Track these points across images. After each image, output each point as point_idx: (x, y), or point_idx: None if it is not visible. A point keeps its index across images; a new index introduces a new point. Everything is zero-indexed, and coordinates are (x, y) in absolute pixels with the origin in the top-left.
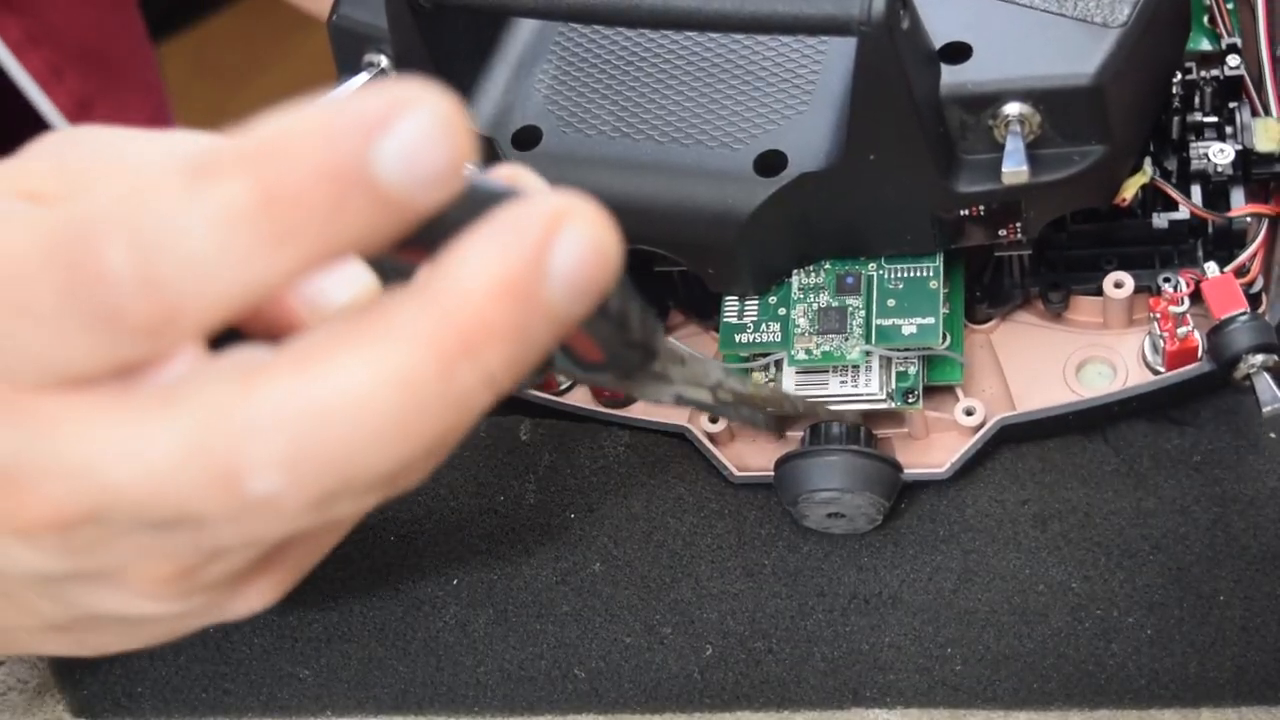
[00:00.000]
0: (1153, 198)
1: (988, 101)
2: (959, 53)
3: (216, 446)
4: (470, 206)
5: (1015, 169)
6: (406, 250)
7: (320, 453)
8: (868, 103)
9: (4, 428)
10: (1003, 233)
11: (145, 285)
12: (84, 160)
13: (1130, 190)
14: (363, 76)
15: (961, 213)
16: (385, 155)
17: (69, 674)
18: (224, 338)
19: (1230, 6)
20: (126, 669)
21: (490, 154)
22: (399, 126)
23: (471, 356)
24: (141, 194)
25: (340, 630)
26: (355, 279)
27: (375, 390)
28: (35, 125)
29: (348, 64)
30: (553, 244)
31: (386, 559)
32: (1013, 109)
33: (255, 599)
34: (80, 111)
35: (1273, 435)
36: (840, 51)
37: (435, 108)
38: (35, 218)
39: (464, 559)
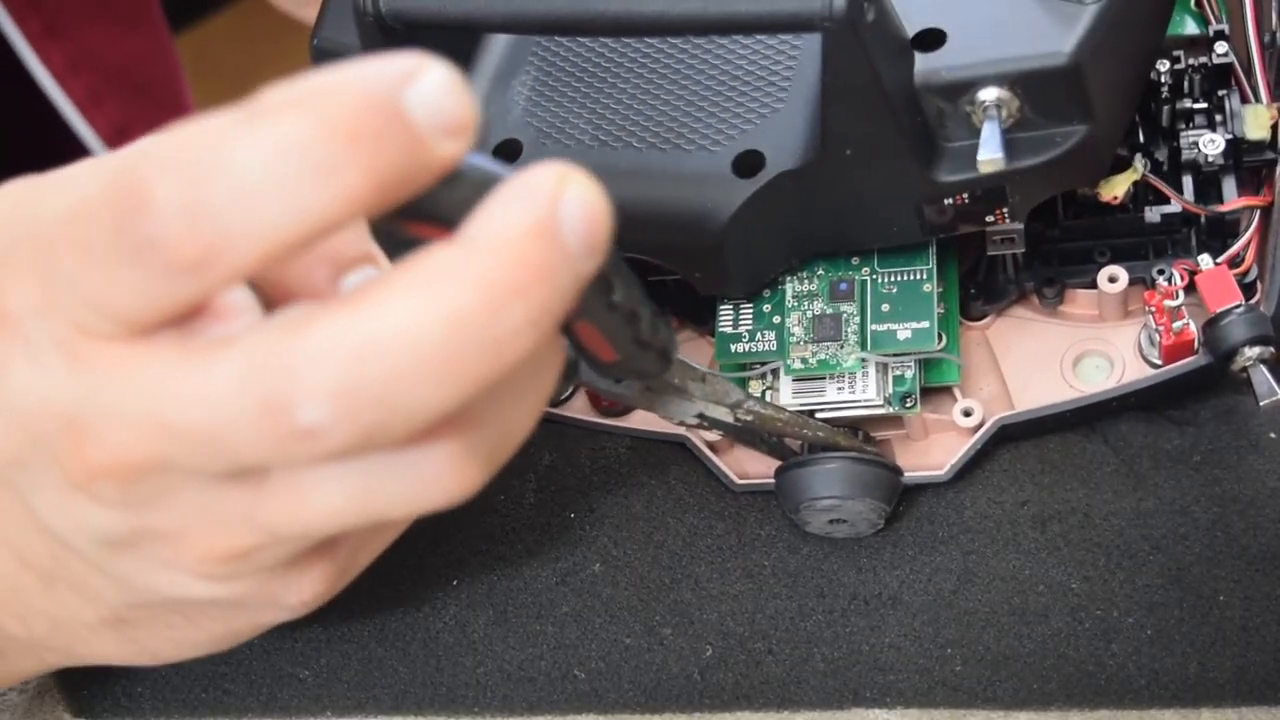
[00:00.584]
0: (1144, 191)
1: (964, 88)
2: (933, 40)
3: (267, 380)
4: (477, 185)
5: (991, 156)
6: (427, 227)
7: (368, 384)
8: (838, 97)
9: (68, 375)
10: (990, 218)
11: (189, 216)
12: None
13: (1121, 188)
14: None
15: (946, 201)
16: (414, 98)
17: (69, 674)
18: None
19: None
20: (127, 669)
21: None
22: (423, 79)
23: (516, 295)
24: (195, 134)
25: (340, 631)
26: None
27: (425, 327)
28: (74, 151)
29: None
30: (561, 198)
31: (386, 559)
32: (989, 94)
33: (307, 588)
34: (118, 137)
35: (1273, 435)
36: (814, 48)
37: (445, 71)
38: (102, 164)
39: (464, 559)
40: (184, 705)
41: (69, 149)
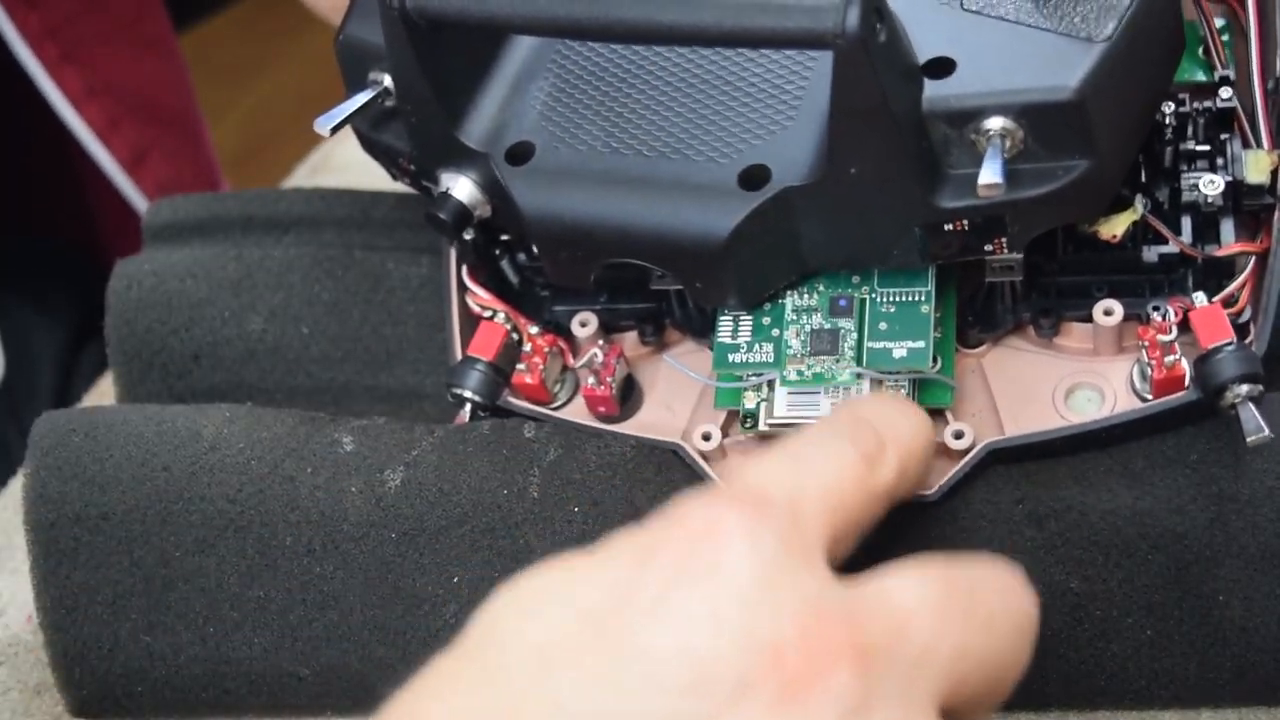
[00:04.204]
0: (1143, 231)
1: (970, 116)
2: (942, 68)
3: None
4: None
5: (992, 180)
6: None
7: None
8: (846, 115)
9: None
10: (989, 248)
11: None
12: None
13: (1121, 227)
14: (367, 94)
15: (946, 227)
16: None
17: (69, 674)
18: None
19: (1225, 39)
20: (126, 669)
21: (484, 170)
22: None
23: None
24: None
25: (340, 630)
26: None
27: None
28: (93, 176)
29: (354, 82)
30: None
31: (386, 557)
32: (994, 123)
33: None
34: (136, 162)
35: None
36: (827, 68)
37: None
38: None
39: (465, 556)
40: (184, 705)
41: (87, 175)
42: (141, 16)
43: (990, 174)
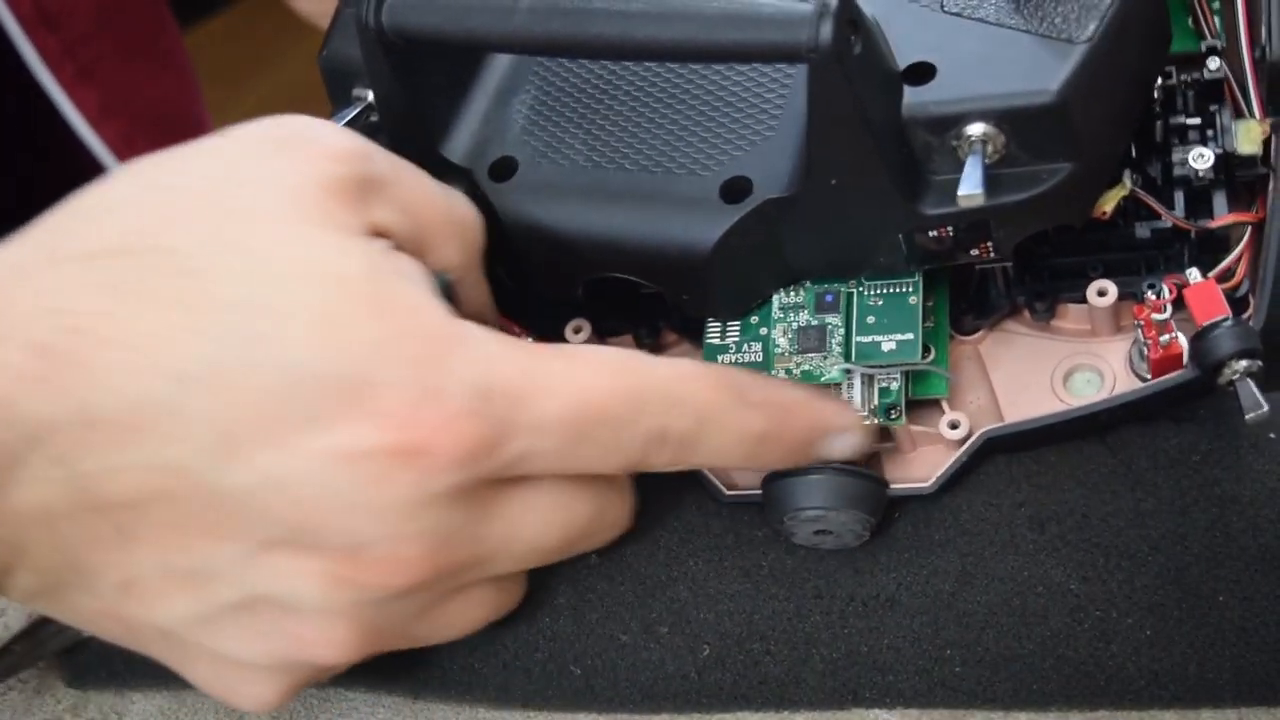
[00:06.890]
0: (1135, 207)
1: (950, 123)
2: (923, 74)
3: None
4: None
5: (971, 191)
6: None
7: None
8: (823, 128)
9: None
10: (975, 252)
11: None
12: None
13: (1110, 203)
14: (351, 110)
15: (930, 234)
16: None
17: (68, 659)
18: None
19: (1215, 5)
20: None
21: (469, 186)
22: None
23: None
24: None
25: None
26: None
27: None
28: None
29: (338, 98)
30: None
31: None
32: (975, 129)
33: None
34: None
35: (1272, 435)
36: (805, 77)
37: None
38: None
39: None
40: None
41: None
42: (156, 35)
43: (969, 185)
